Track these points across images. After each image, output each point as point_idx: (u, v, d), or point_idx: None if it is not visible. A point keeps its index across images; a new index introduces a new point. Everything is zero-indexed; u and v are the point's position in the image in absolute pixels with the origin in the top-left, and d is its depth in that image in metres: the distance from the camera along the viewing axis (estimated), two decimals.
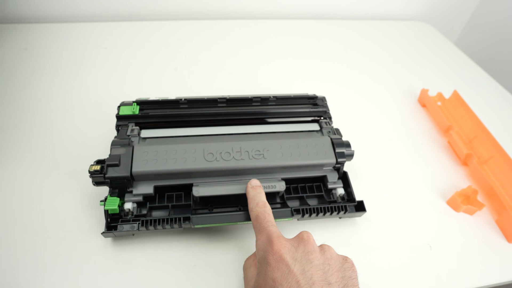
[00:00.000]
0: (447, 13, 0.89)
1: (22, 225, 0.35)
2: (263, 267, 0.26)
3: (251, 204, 0.32)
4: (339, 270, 0.27)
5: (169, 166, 0.34)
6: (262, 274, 0.26)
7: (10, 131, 0.45)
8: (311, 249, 0.27)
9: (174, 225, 0.33)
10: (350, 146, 0.38)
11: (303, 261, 0.26)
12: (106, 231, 0.32)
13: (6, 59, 0.56)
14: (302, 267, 0.25)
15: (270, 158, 0.36)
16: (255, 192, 0.33)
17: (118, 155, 0.34)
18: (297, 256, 0.26)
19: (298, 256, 0.26)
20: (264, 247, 0.27)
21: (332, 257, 0.27)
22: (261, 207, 0.31)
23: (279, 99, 0.43)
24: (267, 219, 0.30)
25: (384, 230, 0.39)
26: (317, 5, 0.79)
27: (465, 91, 0.56)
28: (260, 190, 0.33)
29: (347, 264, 0.28)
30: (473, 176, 0.47)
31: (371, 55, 0.69)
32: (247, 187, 0.34)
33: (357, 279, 0.27)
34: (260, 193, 0.33)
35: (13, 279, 0.32)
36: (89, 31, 0.64)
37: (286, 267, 0.25)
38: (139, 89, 0.54)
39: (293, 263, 0.26)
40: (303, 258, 0.26)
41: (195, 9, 0.73)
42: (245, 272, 0.30)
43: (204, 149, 0.35)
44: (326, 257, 0.27)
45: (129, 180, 0.33)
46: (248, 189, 0.34)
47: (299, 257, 0.26)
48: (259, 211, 0.31)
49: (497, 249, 0.39)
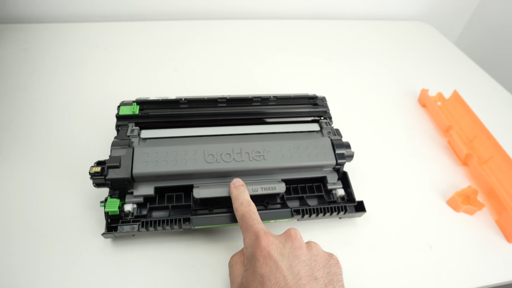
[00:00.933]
0: (447, 13, 0.89)
1: (22, 225, 0.35)
2: (252, 263, 0.27)
3: (236, 204, 0.32)
4: (325, 266, 0.27)
5: (169, 167, 0.34)
6: (250, 270, 0.27)
7: (10, 131, 0.45)
8: (298, 245, 0.28)
9: (174, 226, 0.33)
10: (350, 147, 0.38)
11: (290, 257, 0.27)
12: (106, 232, 0.32)
13: (6, 59, 0.56)
14: (289, 262, 0.26)
15: (270, 159, 0.36)
16: (238, 191, 0.33)
17: (119, 157, 0.34)
18: (285, 252, 0.27)
19: (286, 252, 0.27)
20: (252, 244, 0.28)
21: (319, 254, 0.28)
22: (245, 206, 0.31)
23: (279, 99, 0.43)
24: (252, 217, 0.30)
25: (384, 230, 0.39)
26: (317, 5, 0.79)
27: (465, 91, 0.56)
28: (243, 189, 0.33)
29: (333, 260, 0.29)
30: (473, 176, 0.47)
31: (371, 55, 0.69)
32: (230, 187, 0.34)
33: (341, 275, 0.28)
34: (243, 192, 0.33)
35: (13, 279, 0.32)
36: (89, 31, 0.64)
37: (273, 263, 0.26)
38: (139, 89, 0.54)
39: (281, 258, 0.26)
40: (290, 254, 0.27)
41: (195, 9, 0.73)
42: (231, 269, 0.30)
43: (205, 151, 0.35)
44: (312, 253, 0.28)
45: (129, 181, 0.33)
46: (231, 189, 0.34)
47: (286, 253, 0.27)
48: (244, 210, 0.31)
49: (497, 249, 0.39)
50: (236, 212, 0.32)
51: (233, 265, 0.30)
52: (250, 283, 0.26)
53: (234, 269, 0.29)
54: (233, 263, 0.30)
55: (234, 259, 0.30)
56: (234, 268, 0.29)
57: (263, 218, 0.34)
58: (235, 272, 0.29)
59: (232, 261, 0.30)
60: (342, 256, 0.36)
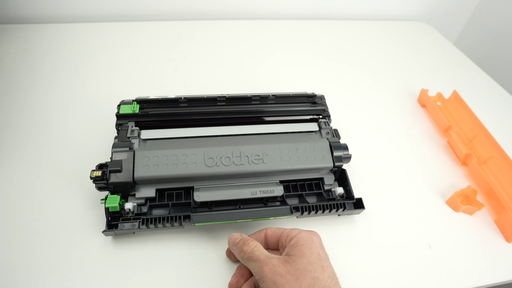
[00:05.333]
0: (447, 13, 0.89)
1: (22, 225, 0.35)
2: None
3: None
4: None
5: (170, 171, 0.34)
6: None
7: (10, 131, 0.45)
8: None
9: (175, 223, 0.33)
10: (347, 149, 0.39)
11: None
12: (107, 229, 0.32)
13: (6, 59, 0.56)
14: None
15: (269, 162, 0.36)
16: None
17: (120, 161, 0.34)
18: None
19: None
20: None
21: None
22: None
23: (278, 97, 0.43)
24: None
25: (384, 230, 0.39)
26: (317, 5, 0.79)
27: (464, 91, 0.56)
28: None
29: None
30: (473, 176, 0.47)
31: (371, 55, 0.69)
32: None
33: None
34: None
35: (13, 279, 0.32)
36: (89, 31, 0.65)
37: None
38: (139, 89, 0.54)
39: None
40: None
41: (195, 9, 0.73)
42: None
43: (205, 154, 0.35)
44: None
45: (131, 185, 0.34)
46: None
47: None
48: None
49: (496, 248, 0.39)
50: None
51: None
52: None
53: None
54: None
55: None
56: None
57: (263, 215, 0.34)
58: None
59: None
60: (342, 256, 0.36)
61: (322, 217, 0.39)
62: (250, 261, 0.29)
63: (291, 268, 0.27)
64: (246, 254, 0.30)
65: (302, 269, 0.27)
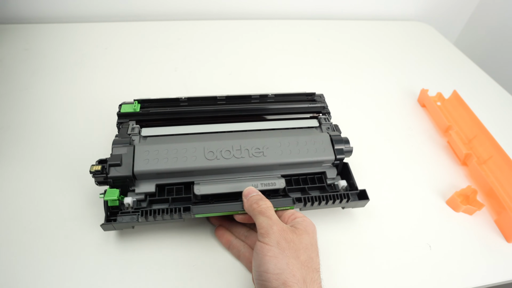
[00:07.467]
0: (447, 13, 0.89)
1: (22, 225, 0.35)
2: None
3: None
4: None
5: (170, 165, 0.34)
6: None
7: (10, 131, 0.45)
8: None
9: (174, 215, 0.32)
10: (349, 142, 0.39)
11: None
12: (106, 222, 0.32)
13: (7, 59, 0.56)
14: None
15: (269, 155, 0.36)
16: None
17: (120, 155, 0.34)
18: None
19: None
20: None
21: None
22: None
23: (277, 96, 0.43)
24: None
25: (384, 230, 0.39)
26: (317, 5, 0.79)
27: (464, 91, 0.56)
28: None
29: None
30: (473, 176, 0.47)
31: (371, 55, 0.69)
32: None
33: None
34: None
35: (13, 279, 0.32)
36: (89, 31, 0.65)
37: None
38: (139, 89, 0.54)
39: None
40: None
41: (195, 9, 0.73)
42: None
43: (205, 148, 0.35)
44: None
45: (131, 179, 0.33)
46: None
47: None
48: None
49: (496, 248, 0.39)
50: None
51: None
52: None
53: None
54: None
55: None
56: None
57: None
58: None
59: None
60: (342, 256, 0.36)
61: (322, 216, 0.39)
62: (261, 215, 0.31)
63: (296, 238, 0.29)
64: (260, 208, 0.31)
65: (304, 244, 0.29)
